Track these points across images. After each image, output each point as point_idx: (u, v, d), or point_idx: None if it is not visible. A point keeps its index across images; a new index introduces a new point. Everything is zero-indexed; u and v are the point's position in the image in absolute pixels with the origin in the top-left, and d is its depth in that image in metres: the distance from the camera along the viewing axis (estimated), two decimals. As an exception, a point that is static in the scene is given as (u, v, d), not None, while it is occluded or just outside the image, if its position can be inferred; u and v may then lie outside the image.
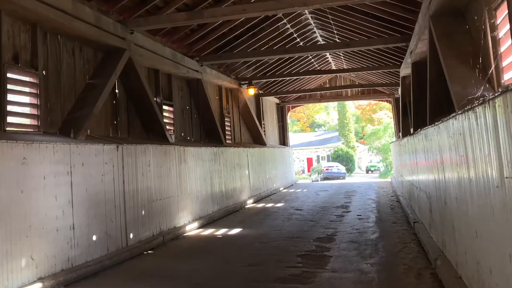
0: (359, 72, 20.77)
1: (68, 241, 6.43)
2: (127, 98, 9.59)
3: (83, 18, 7.68)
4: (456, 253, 5.12)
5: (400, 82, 16.00)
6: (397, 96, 22.75)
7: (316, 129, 69.82)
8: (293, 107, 27.20)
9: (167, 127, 11.37)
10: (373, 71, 18.80)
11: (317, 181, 31.52)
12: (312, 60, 19.46)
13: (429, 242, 7.20)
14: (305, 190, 19.78)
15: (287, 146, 24.90)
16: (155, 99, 10.83)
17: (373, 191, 18.39)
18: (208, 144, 13.04)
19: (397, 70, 16.45)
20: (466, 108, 3.84)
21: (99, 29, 8.13)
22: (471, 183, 4.03)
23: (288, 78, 19.71)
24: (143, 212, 8.43)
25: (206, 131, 13.70)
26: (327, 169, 30.28)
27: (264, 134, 20.85)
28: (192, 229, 10.15)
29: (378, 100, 26.48)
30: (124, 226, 7.75)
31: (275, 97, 23.83)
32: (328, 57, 19.83)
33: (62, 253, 6.27)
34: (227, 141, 15.44)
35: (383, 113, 57.30)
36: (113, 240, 7.41)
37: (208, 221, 11.14)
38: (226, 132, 15.70)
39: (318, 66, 20.67)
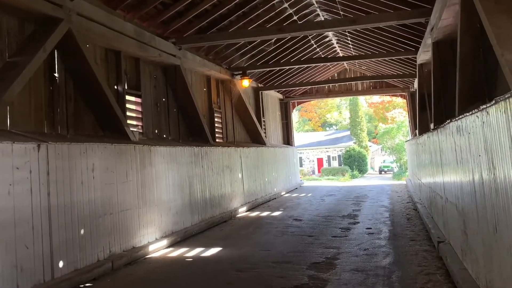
0: (370, 62, 18.59)
1: None
2: (72, 85, 7.63)
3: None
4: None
5: (416, 71, 13.80)
6: (412, 90, 20.55)
7: (327, 128, 67.45)
8: (298, 103, 25.11)
9: (134, 122, 9.43)
10: (386, 59, 16.59)
11: None
12: (317, 48, 17.35)
13: (463, 278, 5.09)
14: (309, 195, 17.65)
15: (292, 145, 22.79)
16: (116, 87, 8.89)
17: (386, 196, 16.21)
18: (191, 143, 11.05)
19: (413, 57, 14.27)
20: None
21: (22, -8, 6.18)
22: None
23: (288, 67, 17.60)
24: (82, 232, 6.44)
25: (189, 128, 11.70)
26: None
27: (265, 132, 18.81)
28: (158, 249, 8.14)
29: (392, 95, 24.23)
30: (48, 253, 5.77)
31: (278, 91, 21.78)
32: (334, 44, 17.69)
33: None
34: (217, 140, 13.45)
35: (397, 112, 54.79)
36: (28, 274, 5.43)
37: (183, 237, 9.12)
38: (216, 130, 13.69)
39: (323, 55, 18.53)
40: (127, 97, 9.19)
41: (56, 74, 7.23)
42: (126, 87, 9.20)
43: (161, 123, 10.50)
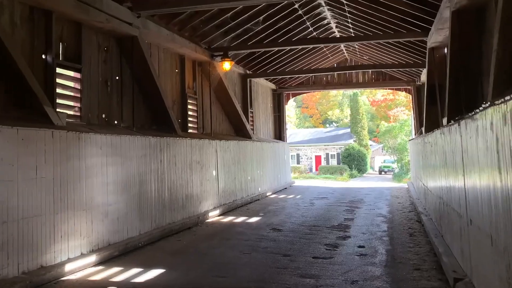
0: (372, 50, 16.55)
1: None
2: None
3: None
4: None
5: (426, 57, 11.78)
6: (418, 83, 18.58)
7: (327, 125, 65.53)
8: (293, 95, 23.07)
9: (70, 103, 7.50)
10: (390, 46, 14.58)
11: None
12: (313, 32, 15.31)
13: None
14: (298, 197, 15.68)
15: (283, 141, 20.81)
16: (44, 56, 6.91)
17: (384, 201, 14.24)
18: (150, 132, 9.10)
19: (418, 41, 12.29)
20: None
21: None
22: None
23: (278, 50, 15.57)
24: None
25: (152, 115, 9.74)
26: None
27: (252, 124, 16.85)
28: (81, 268, 6.19)
29: (395, 89, 22.17)
30: None
31: (270, 81, 19.80)
32: (333, 29, 15.65)
33: None
34: (189, 131, 11.50)
35: (400, 110, 52.82)
36: None
37: (123, 251, 7.17)
38: (190, 119, 11.72)
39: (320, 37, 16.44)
40: (60, 70, 7.22)
41: None
42: (60, 58, 7.25)
43: (111, 106, 8.53)
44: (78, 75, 7.65)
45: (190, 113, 11.73)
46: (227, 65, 12.30)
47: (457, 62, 7.38)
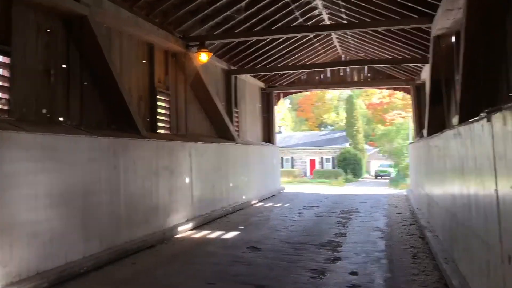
0: (368, 47, 15.16)
1: None
2: None
3: None
4: None
5: (430, 49, 10.35)
6: (418, 82, 17.21)
7: (322, 129, 64.21)
8: (284, 95, 21.61)
9: (-8, 94, 6.02)
10: (388, 39, 13.20)
11: None
12: (304, 24, 13.90)
13: None
14: (286, 206, 14.21)
15: (273, 143, 19.37)
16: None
17: (381, 211, 12.80)
18: (110, 132, 7.66)
19: (422, 30, 10.91)
20: None
21: None
22: None
23: (265, 40, 14.17)
24: None
25: (110, 111, 8.28)
26: None
27: (237, 126, 15.42)
28: (-13, 309, 4.74)
29: (393, 88, 20.75)
30: None
31: (259, 79, 18.40)
32: (326, 21, 14.24)
33: None
34: (159, 131, 10.06)
35: (396, 114, 51.57)
36: None
37: (55, 281, 5.66)
38: (160, 118, 10.29)
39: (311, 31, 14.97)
40: (-24, 53, 5.78)
41: None
42: (-22, 37, 5.81)
43: (55, 100, 7.06)
44: (6, 60, 6.20)
45: (160, 111, 10.29)
46: (203, 57, 10.84)
47: (474, 47, 6.00)
